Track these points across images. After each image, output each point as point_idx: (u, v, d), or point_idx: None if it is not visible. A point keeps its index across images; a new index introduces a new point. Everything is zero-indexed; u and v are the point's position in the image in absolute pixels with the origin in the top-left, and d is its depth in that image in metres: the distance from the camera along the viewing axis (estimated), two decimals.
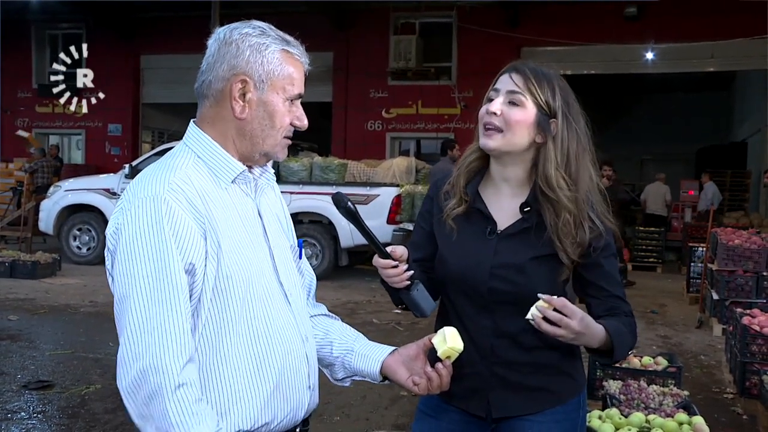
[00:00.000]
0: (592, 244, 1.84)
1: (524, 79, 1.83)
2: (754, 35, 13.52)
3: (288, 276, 1.66)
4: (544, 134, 1.83)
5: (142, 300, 1.40)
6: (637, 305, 8.91)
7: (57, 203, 11.52)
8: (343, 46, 16.60)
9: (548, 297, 1.69)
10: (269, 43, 1.55)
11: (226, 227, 1.52)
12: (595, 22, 14.95)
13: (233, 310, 1.51)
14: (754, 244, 7.46)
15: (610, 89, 19.69)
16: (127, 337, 1.40)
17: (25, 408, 4.73)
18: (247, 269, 1.53)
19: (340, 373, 1.78)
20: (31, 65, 18.99)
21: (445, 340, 1.66)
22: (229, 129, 1.57)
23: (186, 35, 16.33)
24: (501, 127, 1.82)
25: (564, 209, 1.81)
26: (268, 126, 1.57)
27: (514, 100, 1.82)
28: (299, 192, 10.48)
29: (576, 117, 1.85)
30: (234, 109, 1.55)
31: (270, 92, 1.55)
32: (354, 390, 5.00)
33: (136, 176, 1.57)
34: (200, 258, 1.46)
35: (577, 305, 1.72)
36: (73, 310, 7.91)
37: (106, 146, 18.75)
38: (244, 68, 1.53)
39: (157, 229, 1.42)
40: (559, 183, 1.81)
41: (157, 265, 1.41)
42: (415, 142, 17.24)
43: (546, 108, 1.82)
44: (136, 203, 1.46)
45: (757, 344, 5.08)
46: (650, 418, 3.25)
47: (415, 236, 2.05)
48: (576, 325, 1.68)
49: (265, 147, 1.59)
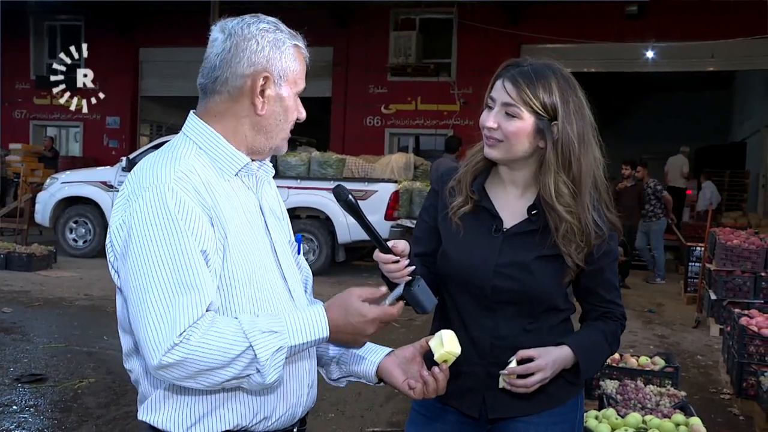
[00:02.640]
0: (595, 252, 1.82)
1: (517, 89, 1.77)
2: (755, 35, 13.51)
3: (290, 271, 1.65)
4: (545, 139, 1.79)
5: (163, 285, 1.38)
6: (635, 304, 8.90)
7: (53, 195, 11.46)
8: (342, 41, 16.57)
9: (509, 368, 1.78)
10: (284, 39, 1.55)
11: (231, 219, 1.50)
12: (595, 20, 14.92)
13: (237, 303, 1.50)
14: (752, 244, 7.44)
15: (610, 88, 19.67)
16: (152, 323, 1.37)
17: (17, 401, 4.70)
18: (251, 263, 1.52)
19: (336, 374, 1.76)
20: (29, 57, 18.95)
21: (443, 343, 1.64)
22: (241, 124, 1.55)
23: (185, 29, 16.32)
24: (500, 138, 1.80)
25: (564, 221, 1.79)
26: (282, 120, 1.58)
27: (509, 112, 1.78)
28: (297, 187, 10.45)
29: (577, 113, 1.80)
30: (256, 105, 1.53)
31: (285, 87, 1.56)
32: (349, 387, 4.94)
33: (136, 167, 1.54)
34: (212, 245, 1.44)
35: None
36: (67, 303, 7.87)
37: (104, 139, 18.72)
38: (265, 65, 1.52)
39: (168, 217, 1.40)
40: (559, 190, 1.78)
41: (174, 252, 1.39)
42: (413, 139, 17.22)
43: (544, 113, 1.77)
44: (144, 194, 1.43)
45: (754, 345, 5.06)
46: (647, 418, 3.24)
47: (418, 230, 2.02)
48: (545, 365, 1.78)
49: (277, 141, 1.60)
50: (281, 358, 1.43)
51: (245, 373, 1.41)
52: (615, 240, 1.88)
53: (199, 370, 1.38)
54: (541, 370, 1.77)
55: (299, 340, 1.45)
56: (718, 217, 13.66)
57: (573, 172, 1.79)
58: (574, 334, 1.89)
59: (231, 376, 1.40)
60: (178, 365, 1.36)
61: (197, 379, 1.39)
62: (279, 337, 1.43)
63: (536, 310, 1.85)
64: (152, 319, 1.37)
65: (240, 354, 1.39)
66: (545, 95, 1.77)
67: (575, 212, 1.79)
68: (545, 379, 1.78)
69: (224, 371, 1.39)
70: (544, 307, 1.85)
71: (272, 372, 1.42)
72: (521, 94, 1.77)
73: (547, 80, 1.78)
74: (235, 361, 1.39)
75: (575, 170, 1.79)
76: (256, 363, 1.40)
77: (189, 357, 1.36)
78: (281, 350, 1.42)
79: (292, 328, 1.45)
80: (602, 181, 1.87)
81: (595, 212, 1.82)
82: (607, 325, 1.90)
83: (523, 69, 1.80)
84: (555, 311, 1.88)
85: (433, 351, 1.65)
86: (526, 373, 1.77)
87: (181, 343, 1.36)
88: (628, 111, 21.95)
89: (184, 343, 1.36)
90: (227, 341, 1.38)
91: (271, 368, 1.41)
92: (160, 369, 1.37)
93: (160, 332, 1.36)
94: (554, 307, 1.87)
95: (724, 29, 14.00)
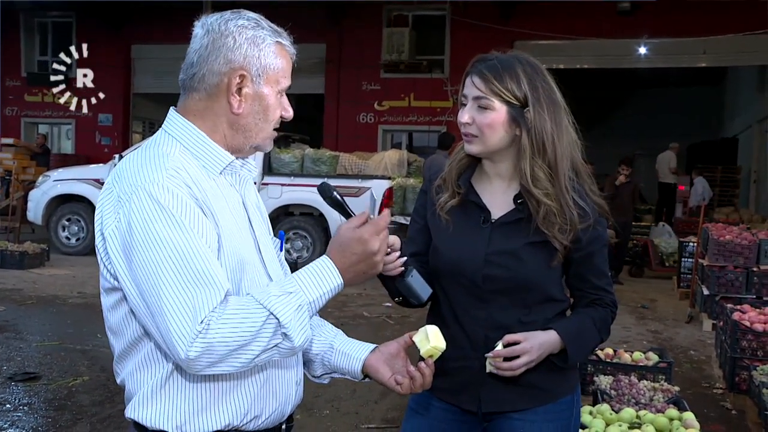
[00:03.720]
0: (582, 237, 1.83)
1: (485, 81, 1.80)
2: (746, 31, 13.56)
3: (273, 268, 1.64)
4: (521, 127, 1.81)
5: (176, 281, 1.36)
6: (628, 300, 8.93)
7: (46, 193, 11.41)
8: (335, 38, 16.55)
9: (495, 351, 1.79)
10: (265, 36, 1.52)
11: (220, 216, 1.49)
12: (588, 16, 14.94)
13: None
14: (744, 239, 7.47)
15: (602, 84, 19.72)
16: (173, 319, 1.35)
17: (11, 400, 4.68)
18: (240, 260, 1.51)
19: (319, 371, 1.76)
20: (20, 54, 18.83)
21: (428, 338, 1.64)
22: (220, 123, 1.54)
23: (177, 25, 16.12)
24: (476, 133, 1.83)
25: (542, 204, 1.81)
26: (261, 120, 1.55)
27: (481, 105, 1.82)
28: (290, 184, 10.43)
29: (547, 98, 1.82)
30: (231, 104, 1.51)
31: (265, 86, 1.53)
32: (344, 384, 4.99)
33: (120, 166, 1.51)
34: (213, 238, 1.44)
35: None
36: (61, 301, 7.85)
37: (97, 136, 18.65)
38: (242, 62, 1.50)
39: (167, 214, 1.38)
40: (536, 174, 1.81)
41: (181, 246, 1.37)
42: (407, 135, 17.21)
43: (516, 101, 1.80)
44: (137, 193, 1.41)
45: (747, 340, 5.08)
46: (641, 413, 3.25)
47: (411, 231, 2.05)
48: (530, 348, 1.79)
49: (257, 140, 1.57)
50: (305, 317, 1.42)
51: (273, 343, 1.39)
52: (603, 225, 1.90)
53: (228, 352, 1.36)
54: (526, 353, 1.78)
55: (316, 293, 1.44)
56: (710, 212, 13.71)
57: (548, 156, 1.81)
58: (563, 320, 1.90)
59: (260, 349, 1.38)
60: (206, 353, 1.35)
61: (228, 362, 1.37)
62: (295, 297, 1.41)
63: (529, 300, 1.86)
64: (172, 316, 1.35)
65: (263, 324, 1.37)
66: (513, 84, 1.80)
67: (553, 195, 1.81)
68: (531, 362, 1.79)
69: (252, 346, 1.37)
70: (536, 295, 1.86)
71: (299, 333, 1.40)
72: (489, 85, 1.80)
73: (513, 69, 1.81)
74: (260, 333, 1.37)
75: (550, 154, 1.81)
76: (281, 328, 1.38)
77: (214, 342, 1.34)
78: (301, 308, 1.41)
79: (305, 284, 1.43)
80: (581, 162, 1.89)
81: (576, 194, 1.84)
82: (596, 312, 1.91)
83: (489, 63, 1.83)
84: (549, 302, 1.89)
85: (419, 346, 1.65)
86: (512, 356, 1.79)
87: (203, 330, 1.34)
88: (621, 107, 22.02)
89: (206, 330, 1.34)
90: (246, 316, 1.37)
91: (297, 329, 1.40)
92: (190, 361, 1.36)
93: (183, 326, 1.34)
94: (548, 297, 1.88)
95: (715, 25, 14.05)
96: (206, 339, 1.34)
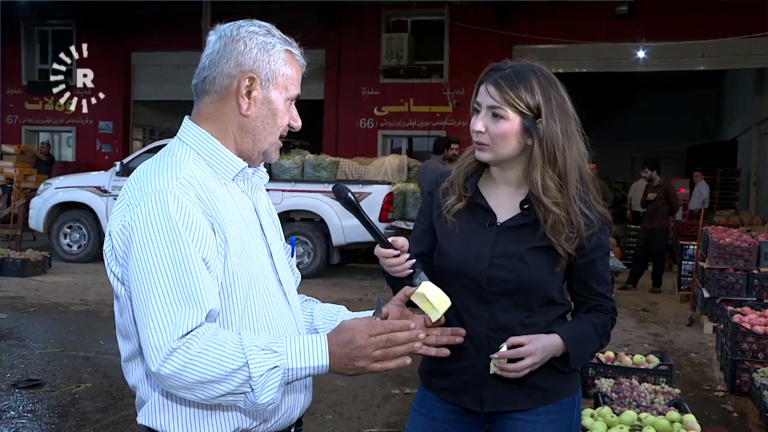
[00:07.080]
0: (586, 244, 1.86)
1: (500, 91, 1.83)
2: (745, 34, 13.59)
3: (285, 275, 1.67)
4: (532, 137, 1.84)
5: (164, 292, 1.39)
6: (629, 303, 8.93)
7: (47, 201, 11.43)
8: (334, 43, 16.57)
9: (500, 353, 1.81)
10: (275, 43, 1.57)
11: (231, 224, 1.51)
12: (586, 20, 14.98)
13: (236, 308, 1.51)
14: (744, 242, 7.48)
15: (601, 87, 19.75)
16: (153, 329, 1.38)
17: (15, 407, 4.70)
18: (250, 267, 1.53)
19: None
20: (21, 62, 18.86)
21: (435, 307, 1.70)
22: (230, 126, 1.57)
23: (177, 33, 16.31)
24: (488, 142, 1.86)
25: (551, 213, 1.83)
26: (270, 124, 1.58)
27: (495, 114, 1.84)
28: (291, 190, 10.45)
29: (559, 109, 1.85)
30: (240, 105, 1.55)
31: (274, 91, 1.57)
32: (346, 388, 5.00)
33: (135, 173, 1.55)
34: (213, 253, 1.46)
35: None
36: (63, 308, 7.86)
37: (97, 143, 18.65)
38: (252, 66, 1.54)
39: (170, 223, 1.41)
40: (546, 184, 1.84)
41: (175, 259, 1.40)
42: (407, 140, 17.24)
43: (529, 111, 1.83)
44: (146, 199, 1.44)
45: (747, 342, 5.09)
46: (642, 416, 3.26)
47: (416, 232, 2.08)
48: (535, 350, 1.82)
49: (265, 145, 1.60)
50: (276, 379, 1.40)
51: (241, 390, 1.39)
52: (606, 233, 1.93)
53: (196, 381, 1.37)
54: (530, 355, 1.81)
55: (298, 364, 1.42)
56: (710, 215, 13.71)
57: (558, 166, 1.84)
58: (565, 324, 1.94)
59: (226, 391, 1.38)
60: (176, 374, 1.36)
61: (194, 391, 1.38)
62: (276, 357, 1.40)
63: (531, 302, 1.88)
64: (153, 325, 1.38)
65: (237, 370, 1.37)
66: (527, 95, 1.82)
67: (562, 204, 1.84)
68: (535, 365, 1.82)
69: (220, 385, 1.38)
70: (539, 298, 1.89)
71: (265, 392, 1.39)
72: (504, 95, 1.82)
73: (528, 80, 1.83)
74: (231, 376, 1.37)
75: (560, 165, 1.84)
76: (250, 381, 1.38)
77: (187, 365, 1.36)
78: (276, 370, 1.39)
79: (291, 350, 1.42)
80: (588, 173, 1.92)
81: (583, 203, 1.87)
82: (597, 318, 1.94)
83: (504, 72, 1.86)
84: (551, 305, 1.91)
85: (428, 315, 1.72)
86: (516, 358, 1.81)
87: (181, 348, 1.36)
88: (619, 111, 22.04)
89: (183, 350, 1.36)
90: (225, 354, 1.37)
91: (264, 388, 1.38)
92: (160, 377, 1.38)
93: (160, 337, 1.37)
94: (550, 300, 1.90)
95: (714, 28, 14.08)
96: (181, 359, 1.36)
